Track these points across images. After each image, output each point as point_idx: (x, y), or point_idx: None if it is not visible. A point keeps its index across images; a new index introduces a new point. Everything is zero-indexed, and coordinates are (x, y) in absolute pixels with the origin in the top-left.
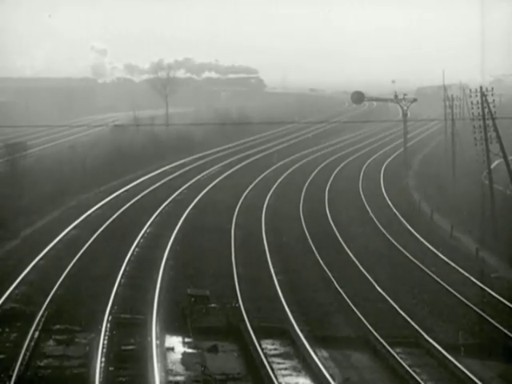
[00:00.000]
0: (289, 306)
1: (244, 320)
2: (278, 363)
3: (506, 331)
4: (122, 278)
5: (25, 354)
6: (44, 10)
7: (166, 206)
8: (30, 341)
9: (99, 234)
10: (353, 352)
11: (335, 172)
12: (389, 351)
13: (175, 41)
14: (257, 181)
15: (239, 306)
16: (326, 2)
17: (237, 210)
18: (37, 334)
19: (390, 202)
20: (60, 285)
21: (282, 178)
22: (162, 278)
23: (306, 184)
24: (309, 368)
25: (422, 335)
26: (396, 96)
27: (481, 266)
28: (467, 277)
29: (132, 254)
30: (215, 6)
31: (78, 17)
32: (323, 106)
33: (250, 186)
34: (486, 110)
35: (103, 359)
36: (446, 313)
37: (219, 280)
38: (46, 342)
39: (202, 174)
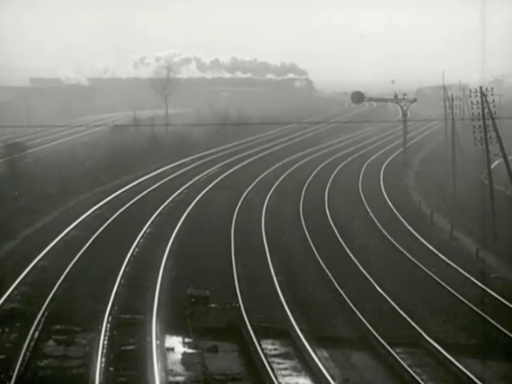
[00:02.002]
0: (289, 306)
1: (244, 320)
2: (278, 363)
3: (506, 331)
4: (122, 278)
5: (25, 355)
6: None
7: (165, 206)
8: (30, 341)
9: (99, 235)
10: (353, 352)
11: (335, 172)
12: (389, 351)
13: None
14: (256, 181)
15: (239, 306)
16: (327, 2)
17: (237, 210)
18: (37, 334)
19: (389, 203)
20: (60, 285)
21: (282, 178)
22: (162, 278)
23: (306, 184)
24: (309, 368)
25: (423, 335)
26: (396, 96)
27: (481, 266)
28: (467, 277)
29: (132, 254)
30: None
31: (65, 19)
32: (323, 106)
33: (250, 186)
34: (486, 110)
35: (103, 359)
36: (446, 313)
37: (219, 280)
38: (46, 343)
39: (202, 175)
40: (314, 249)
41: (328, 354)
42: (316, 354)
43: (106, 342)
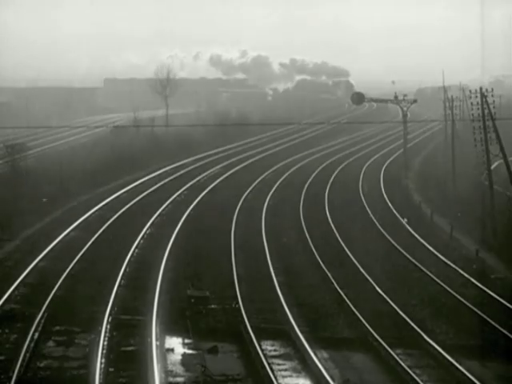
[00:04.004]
0: (289, 307)
1: (244, 321)
2: (278, 364)
3: (505, 332)
4: (122, 278)
5: (25, 355)
6: (43, 10)
7: (166, 207)
8: (30, 342)
9: (99, 235)
10: (353, 353)
11: (335, 173)
12: (389, 352)
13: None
14: (257, 182)
15: (239, 306)
16: (327, 1)
17: (237, 210)
18: (37, 335)
19: (390, 204)
20: (60, 286)
21: (282, 178)
22: (162, 278)
23: (306, 185)
24: (309, 369)
25: (422, 336)
26: (396, 97)
27: (481, 266)
28: (467, 278)
29: (132, 255)
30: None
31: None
32: (323, 106)
33: (251, 187)
34: (486, 111)
35: (103, 360)
36: (446, 314)
37: (219, 281)
38: (46, 343)
39: (203, 175)
40: (314, 249)
41: (328, 354)
42: (316, 354)
43: (105, 343)
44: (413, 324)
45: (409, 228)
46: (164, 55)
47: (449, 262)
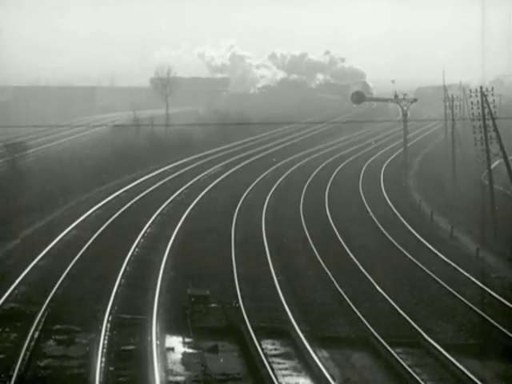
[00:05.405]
0: (289, 306)
1: (244, 320)
2: (279, 363)
3: (506, 331)
4: (122, 277)
5: (25, 354)
6: (43, 9)
7: (166, 206)
8: (30, 341)
9: (99, 234)
10: (353, 352)
11: (335, 172)
12: (389, 351)
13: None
14: (257, 181)
15: (239, 305)
16: (327, 1)
17: (237, 210)
18: (37, 334)
19: (390, 203)
20: (60, 285)
21: (283, 177)
22: (162, 278)
23: (306, 184)
24: (309, 368)
25: (422, 335)
26: (396, 96)
27: (481, 265)
28: (467, 277)
29: (132, 254)
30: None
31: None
32: (323, 105)
33: (251, 186)
34: (486, 110)
35: (103, 359)
36: (446, 313)
37: (219, 280)
38: (47, 342)
39: (202, 175)
40: (314, 249)
41: (328, 353)
42: (316, 353)
43: (106, 342)
44: (413, 323)
45: (409, 227)
46: (154, 54)
47: (449, 261)
